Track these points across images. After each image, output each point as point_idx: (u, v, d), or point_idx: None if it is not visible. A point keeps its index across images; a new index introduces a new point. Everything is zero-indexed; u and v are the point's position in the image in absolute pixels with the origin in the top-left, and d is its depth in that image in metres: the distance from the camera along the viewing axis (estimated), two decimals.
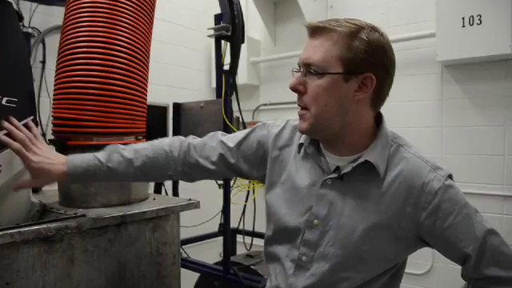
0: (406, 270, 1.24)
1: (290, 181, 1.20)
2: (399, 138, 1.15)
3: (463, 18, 2.93)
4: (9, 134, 1.25)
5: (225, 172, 1.34)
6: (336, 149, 1.14)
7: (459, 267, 1.14)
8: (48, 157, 1.27)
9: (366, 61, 1.02)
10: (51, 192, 1.86)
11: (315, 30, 1.06)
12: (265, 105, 4.11)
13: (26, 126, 1.31)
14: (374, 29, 1.05)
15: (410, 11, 3.40)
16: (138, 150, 1.33)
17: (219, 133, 1.38)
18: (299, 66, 1.10)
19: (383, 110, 1.17)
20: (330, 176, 1.11)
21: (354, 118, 1.08)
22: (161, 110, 2.52)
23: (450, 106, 3.34)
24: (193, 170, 1.33)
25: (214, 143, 1.33)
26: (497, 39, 2.88)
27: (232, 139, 1.33)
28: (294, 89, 1.10)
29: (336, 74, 1.03)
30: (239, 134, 1.34)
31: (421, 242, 1.12)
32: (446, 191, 1.05)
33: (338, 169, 1.11)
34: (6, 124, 1.26)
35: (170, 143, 1.36)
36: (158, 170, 1.33)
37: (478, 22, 2.90)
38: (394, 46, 1.10)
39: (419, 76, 3.44)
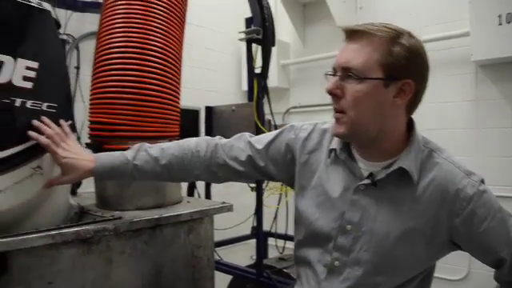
0: (441, 276, 1.25)
1: (321, 186, 1.19)
2: (430, 143, 1.14)
3: (499, 16, 2.85)
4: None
5: (252, 174, 1.34)
6: (369, 154, 1.13)
7: None
8: (76, 153, 1.30)
9: (406, 67, 1.02)
10: (88, 194, 1.91)
11: (353, 34, 1.05)
12: (295, 107, 4.11)
13: (58, 124, 1.34)
14: (411, 35, 1.05)
15: (443, 10, 3.33)
16: (164, 148, 1.34)
17: (246, 134, 1.38)
18: (334, 70, 1.09)
19: (417, 110, 1.16)
20: (364, 182, 1.11)
21: (390, 123, 1.08)
22: (193, 114, 2.54)
23: (485, 106, 3.26)
24: (220, 171, 1.33)
25: (241, 144, 1.33)
26: None
27: (260, 141, 1.32)
28: (331, 93, 1.08)
29: (377, 79, 1.02)
30: (267, 136, 1.33)
31: (453, 246, 1.12)
32: (480, 197, 1.05)
33: (371, 175, 1.11)
34: (35, 121, 1.29)
35: (196, 143, 1.36)
36: (183, 170, 1.33)
37: None
38: (425, 46, 1.09)
39: (453, 76, 3.37)
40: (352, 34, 1.06)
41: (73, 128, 1.49)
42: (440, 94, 3.39)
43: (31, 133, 1.27)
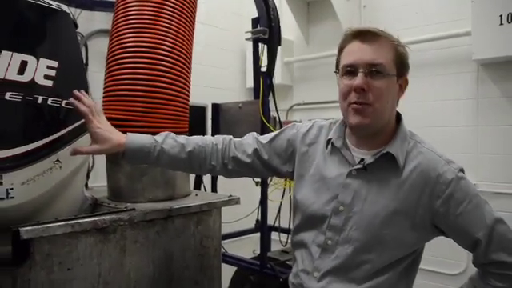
0: (440, 270, 1.34)
1: (318, 173, 1.33)
2: (415, 136, 1.29)
3: (501, 16, 2.89)
4: None
5: (258, 167, 1.46)
6: (363, 144, 1.28)
7: None
8: (109, 129, 1.39)
9: (405, 65, 1.24)
10: (99, 188, 1.98)
11: (369, 35, 1.20)
12: (298, 104, 4.17)
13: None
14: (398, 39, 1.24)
15: (445, 9, 3.37)
16: (189, 138, 1.47)
17: (255, 133, 1.53)
18: (353, 67, 1.20)
19: (418, 108, 1.29)
20: (356, 167, 1.25)
21: (392, 114, 1.26)
22: (200, 111, 2.61)
23: (485, 105, 3.30)
24: (230, 163, 1.45)
25: (250, 140, 1.48)
26: None
27: (265, 137, 1.49)
28: (361, 87, 1.18)
29: (394, 75, 1.21)
30: (272, 134, 1.50)
31: (436, 230, 1.24)
32: (458, 182, 1.18)
33: (362, 160, 1.25)
34: (76, 92, 1.39)
35: (215, 138, 1.51)
36: (203, 159, 1.44)
37: None
38: (428, 44, 1.24)
39: (454, 75, 3.42)
40: (367, 35, 1.20)
41: None
42: (442, 92, 3.44)
43: (73, 100, 1.37)
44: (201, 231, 1.71)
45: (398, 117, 1.31)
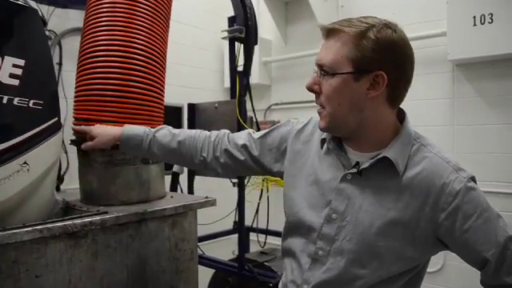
0: None
1: (312, 175, 1.21)
2: (422, 138, 1.14)
3: (474, 17, 2.94)
4: None
5: (249, 163, 1.38)
6: (357, 145, 1.15)
7: (471, 267, 1.12)
8: (106, 126, 1.53)
9: (375, 59, 1.03)
10: (72, 191, 1.93)
11: (327, 32, 1.09)
12: (276, 104, 4.16)
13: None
14: (387, 25, 1.06)
15: (421, 10, 3.41)
16: (183, 130, 1.49)
17: (251, 130, 1.47)
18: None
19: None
20: (350, 171, 1.12)
21: (370, 115, 1.09)
22: (176, 111, 2.57)
23: (461, 104, 3.35)
24: (222, 156, 1.41)
25: (243, 135, 1.42)
26: (508, 38, 2.88)
27: (258, 133, 1.41)
28: (309, 89, 1.13)
29: (346, 73, 1.05)
30: (265, 130, 1.41)
31: (439, 244, 1.10)
32: (467, 193, 1.03)
33: (357, 164, 1.12)
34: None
35: (210, 132, 1.48)
36: (194, 149, 1.43)
37: (490, 20, 2.90)
38: None
39: (430, 75, 3.45)
40: (327, 32, 1.09)
41: (58, 125, 1.51)
42: (418, 92, 3.47)
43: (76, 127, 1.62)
44: (176, 234, 1.67)
45: (403, 116, 1.16)
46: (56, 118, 1.49)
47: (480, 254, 1.04)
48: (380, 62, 1.03)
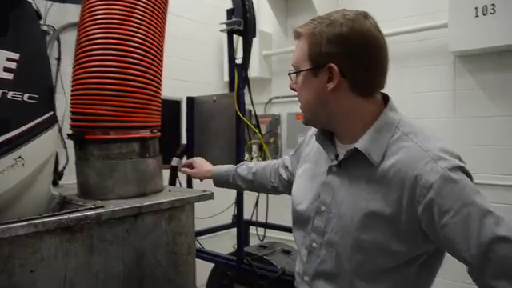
0: None
1: (311, 169, 1.28)
2: (406, 126, 1.09)
3: (476, 8, 2.91)
4: None
5: (293, 179, 1.45)
6: (339, 137, 1.19)
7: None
8: (203, 160, 1.95)
9: (328, 53, 1.07)
10: (70, 185, 1.92)
11: (294, 34, 1.17)
12: (277, 97, 4.14)
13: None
14: (344, 17, 1.08)
15: (423, 2, 3.38)
16: (258, 162, 1.77)
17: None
18: None
19: (396, 100, 1.17)
20: (333, 163, 1.16)
21: (337, 106, 1.11)
22: (175, 104, 2.56)
23: (462, 96, 3.33)
24: (276, 178, 1.65)
25: (287, 156, 1.63)
26: (510, 29, 2.86)
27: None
28: (291, 88, 1.22)
29: (305, 70, 1.12)
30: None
31: (426, 238, 1.03)
32: (443, 185, 0.96)
33: (338, 156, 1.16)
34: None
35: (277, 160, 1.70)
36: (265, 179, 1.68)
37: (492, 11, 2.87)
38: (406, 37, 1.14)
39: (432, 67, 3.43)
40: (294, 35, 1.17)
41: (54, 119, 1.51)
42: (419, 85, 3.45)
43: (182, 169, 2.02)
44: (173, 228, 1.66)
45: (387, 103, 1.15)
46: (51, 112, 1.48)
47: (458, 253, 0.96)
48: (331, 55, 1.07)
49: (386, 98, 1.16)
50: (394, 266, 1.06)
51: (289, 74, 1.21)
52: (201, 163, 1.89)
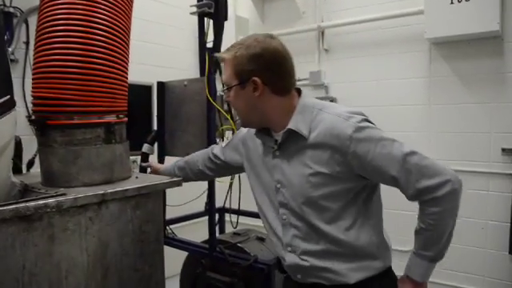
0: (393, 247, 1.48)
1: (258, 162, 1.55)
2: (319, 104, 1.42)
3: None
4: None
5: (222, 169, 1.85)
6: (273, 129, 1.47)
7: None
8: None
9: (249, 70, 1.36)
10: (36, 173, 1.85)
11: (221, 60, 1.47)
12: None
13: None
14: (256, 41, 1.37)
15: None
16: (193, 154, 1.96)
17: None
18: None
19: (373, 87, 1.25)
20: (275, 148, 1.45)
21: (265, 108, 1.41)
22: (146, 89, 2.50)
23: (437, 83, 3.34)
24: (208, 165, 1.85)
25: (216, 146, 1.88)
26: (485, 16, 2.87)
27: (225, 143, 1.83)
28: (227, 101, 1.58)
29: (234, 86, 1.41)
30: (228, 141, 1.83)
31: (360, 177, 1.35)
32: (358, 133, 1.29)
33: (276, 142, 1.45)
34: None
35: (205, 149, 1.93)
36: (194, 164, 1.89)
37: None
38: (382, 23, 1.15)
39: (407, 54, 3.44)
40: (221, 60, 1.47)
41: (12, 103, 1.44)
42: (393, 72, 3.46)
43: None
44: (139, 216, 1.62)
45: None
46: (8, 96, 1.42)
47: (388, 174, 1.29)
48: (252, 71, 1.36)
49: (299, 91, 1.47)
50: (349, 202, 1.37)
51: (222, 91, 1.54)
52: (156, 164, 2.17)
